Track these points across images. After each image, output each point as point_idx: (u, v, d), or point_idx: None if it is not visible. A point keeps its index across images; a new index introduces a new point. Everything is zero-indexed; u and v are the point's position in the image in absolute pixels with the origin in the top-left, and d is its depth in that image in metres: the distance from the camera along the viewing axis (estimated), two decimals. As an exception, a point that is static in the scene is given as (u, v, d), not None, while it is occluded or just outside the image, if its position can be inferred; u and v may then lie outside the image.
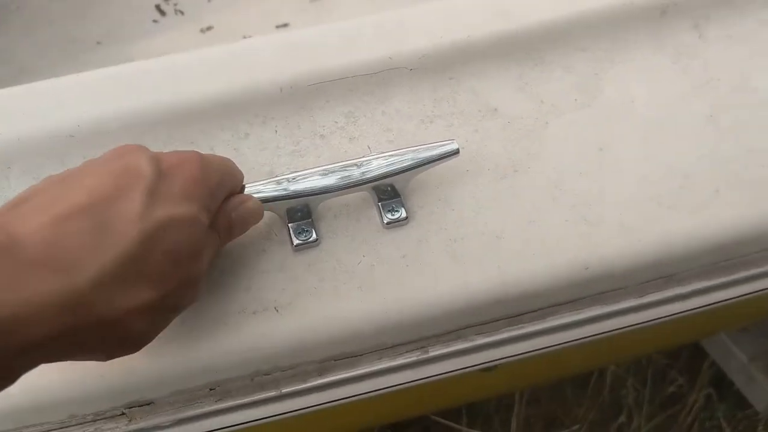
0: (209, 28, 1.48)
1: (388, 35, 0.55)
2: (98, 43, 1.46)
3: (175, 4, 1.54)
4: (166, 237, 0.36)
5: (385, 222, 0.49)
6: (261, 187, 0.47)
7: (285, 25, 1.47)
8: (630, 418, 1.28)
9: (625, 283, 0.51)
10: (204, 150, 0.52)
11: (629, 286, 0.51)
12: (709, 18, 0.59)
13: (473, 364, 0.50)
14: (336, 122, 0.54)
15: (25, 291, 0.31)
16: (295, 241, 0.48)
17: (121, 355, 0.38)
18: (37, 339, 0.32)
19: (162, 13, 1.53)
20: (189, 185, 0.39)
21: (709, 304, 0.52)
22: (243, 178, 0.46)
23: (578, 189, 0.52)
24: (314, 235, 0.49)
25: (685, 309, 0.52)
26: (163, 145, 0.52)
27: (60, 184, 0.37)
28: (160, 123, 0.52)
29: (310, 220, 0.49)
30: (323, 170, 0.47)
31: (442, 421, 1.15)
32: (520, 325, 0.50)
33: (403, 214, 0.50)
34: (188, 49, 1.44)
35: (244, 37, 1.45)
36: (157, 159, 0.39)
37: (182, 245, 0.37)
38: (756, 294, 0.54)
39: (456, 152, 0.49)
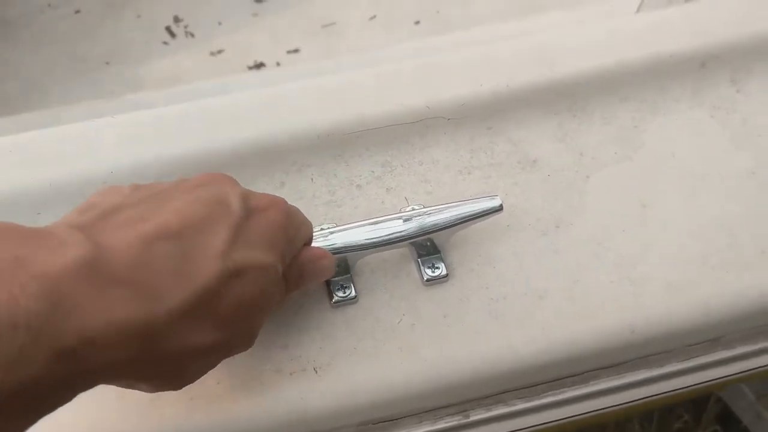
0: (219, 52, 1.47)
1: (426, 82, 0.54)
2: (107, 63, 1.45)
3: (186, 27, 1.54)
4: (242, 281, 0.35)
5: (425, 279, 0.48)
6: (300, 242, 0.45)
7: (296, 51, 1.47)
8: (637, 454, 1.27)
9: (671, 346, 0.49)
10: (238, 199, 0.50)
11: (675, 348, 0.50)
12: (750, 72, 0.58)
13: (515, 429, 0.48)
14: (373, 171, 0.53)
15: (107, 313, 0.30)
16: (334, 298, 0.47)
17: (166, 390, 0.36)
18: (106, 364, 0.30)
19: (172, 34, 1.52)
20: (273, 231, 0.38)
21: (755, 368, 0.51)
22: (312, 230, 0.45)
23: (622, 246, 0.50)
24: (353, 292, 0.47)
25: (730, 373, 0.51)
26: (195, 192, 0.50)
27: (149, 201, 0.35)
28: (195, 169, 0.50)
29: (348, 275, 0.47)
30: (364, 225, 0.46)
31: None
32: (562, 389, 0.49)
33: (444, 271, 0.48)
34: (198, 71, 1.44)
35: (255, 62, 1.44)
36: (246, 197, 0.38)
37: (255, 293, 0.36)
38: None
39: (500, 208, 0.48)
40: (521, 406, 0.48)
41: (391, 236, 0.46)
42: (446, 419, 0.47)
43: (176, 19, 1.53)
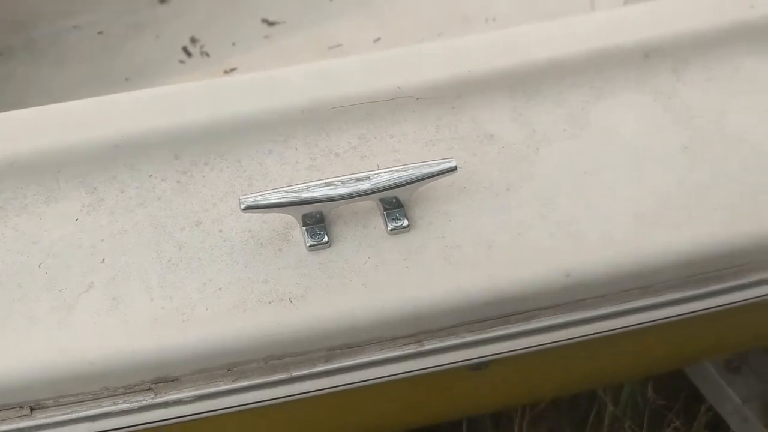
0: (233, 70, 1.57)
1: (399, 67, 0.62)
2: (126, 79, 1.55)
3: (202, 46, 1.64)
4: None
5: (389, 229, 0.55)
6: (281, 194, 0.53)
7: (305, 69, 1.56)
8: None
9: (605, 291, 0.56)
10: (231, 162, 0.59)
11: (608, 294, 0.57)
12: (688, 62, 0.65)
13: (464, 359, 0.55)
14: (350, 142, 0.61)
15: None
16: (309, 242, 0.54)
17: None
18: None
19: (188, 54, 1.63)
20: None
21: (682, 314, 0.58)
22: None
23: (564, 207, 0.58)
24: (326, 238, 0.55)
25: (659, 317, 0.57)
26: (197, 157, 0.59)
27: None
28: (197, 138, 0.59)
29: (323, 224, 0.55)
30: (335, 181, 0.54)
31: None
32: (506, 326, 0.56)
33: (406, 223, 0.56)
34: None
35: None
36: None
37: None
38: (727, 308, 0.59)
39: (454, 169, 0.55)
40: (471, 338, 0.55)
41: (358, 190, 0.54)
42: (404, 347, 0.54)
43: (193, 40, 1.63)
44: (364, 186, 0.54)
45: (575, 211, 0.57)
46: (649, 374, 1.20)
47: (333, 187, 0.54)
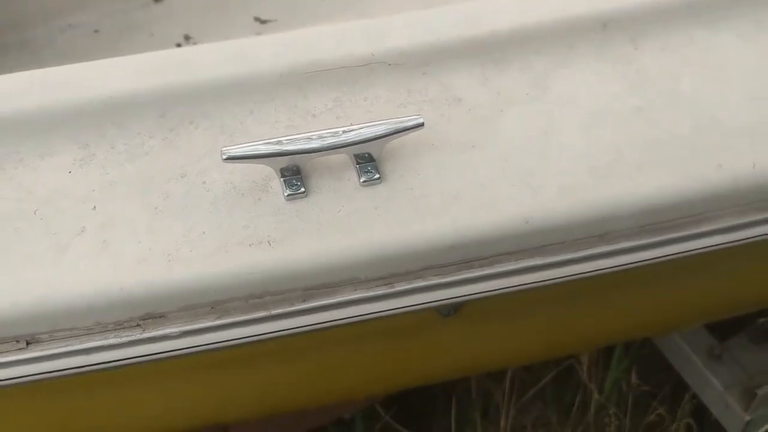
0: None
1: (373, 35, 0.67)
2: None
3: (194, 44, 1.68)
4: None
5: (362, 180, 0.60)
6: (260, 146, 0.57)
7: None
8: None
9: (562, 239, 0.60)
10: (215, 121, 0.63)
11: (566, 241, 0.61)
12: (646, 32, 0.70)
13: (431, 300, 0.59)
14: (326, 105, 0.65)
15: None
16: (287, 192, 0.59)
17: None
18: None
19: (183, 48, 1.65)
20: None
21: (636, 262, 0.62)
22: None
23: (525, 162, 0.62)
24: (303, 189, 0.59)
25: (615, 264, 0.61)
26: (183, 116, 0.63)
27: None
28: (181, 99, 0.63)
29: (299, 176, 0.59)
30: (311, 135, 0.58)
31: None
32: (471, 270, 0.60)
33: (377, 176, 0.60)
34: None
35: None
36: None
37: None
38: (677, 258, 0.63)
39: (421, 125, 0.59)
40: (437, 281, 0.59)
41: (332, 143, 0.58)
42: (375, 289, 0.58)
43: (186, 37, 1.67)
44: (338, 139, 0.58)
45: (535, 166, 0.62)
46: (624, 337, 1.23)
47: (309, 140, 0.58)
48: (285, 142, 0.58)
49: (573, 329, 0.83)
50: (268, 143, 0.57)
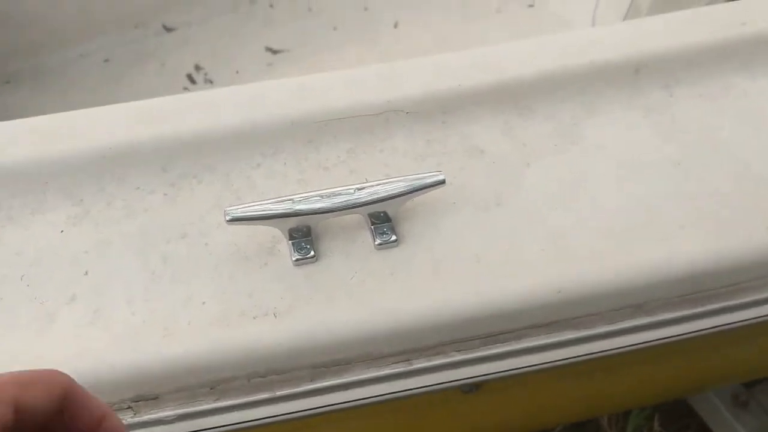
0: (236, 96, 1.57)
1: (389, 81, 0.62)
2: (130, 107, 1.55)
3: (206, 74, 1.66)
4: None
5: (377, 243, 0.55)
6: (266, 207, 0.52)
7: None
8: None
9: (596, 310, 0.55)
10: (219, 176, 0.58)
11: (600, 312, 0.55)
12: (679, 79, 0.65)
13: (453, 379, 0.54)
14: (339, 156, 0.60)
15: None
16: (295, 256, 0.54)
17: None
18: None
19: (193, 81, 1.64)
20: None
21: (676, 336, 0.56)
22: (60, 393, 0.36)
23: (553, 221, 0.57)
24: (312, 252, 0.54)
25: (654, 338, 0.56)
26: (186, 169, 0.58)
27: None
28: (185, 150, 0.59)
29: (309, 238, 0.54)
30: (322, 194, 0.53)
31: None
32: (496, 345, 0.54)
33: (393, 237, 0.55)
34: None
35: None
36: None
37: None
38: (726, 330, 0.58)
39: (442, 182, 0.55)
40: (459, 357, 0.53)
41: (345, 203, 0.53)
42: (392, 366, 0.53)
43: (197, 67, 1.65)
44: (352, 199, 0.53)
45: (565, 225, 0.57)
46: (652, 402, 1.18)
47: (320, 200, 0.53)
48: (294, 201, 0.53)
49: (602, 397, 0.78)
50: (275, 203, 0.53)
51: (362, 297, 0.52)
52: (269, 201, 0.53)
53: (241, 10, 1.75)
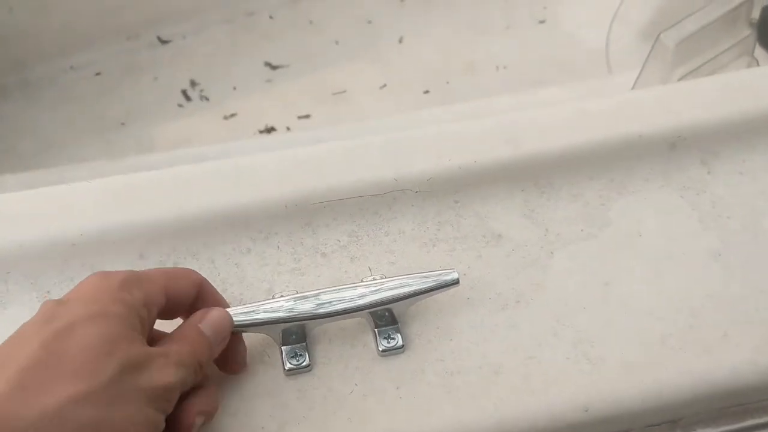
0: (232, 115, 1.52)
1: (395, 156, 0.56)
2: (122, 123, 1.50)
3: (201, 90, 1.59)
4: (72, 335, 0.37)
5: (381, 350, 0.48)
6: (256, 308, 0.46)
7: (306, 116, 1.51)
8: None
9: (627, 427, 0.49)
10: (204, 263, 0.52)
11: (631, 430, 0.49)
12: (718, 154, 0.59)
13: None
14: (339, 241, 0.54)
15: None
16: (287, 366, 0.47)
17: None
18: None
19: (188, 98, 1.58)
20: (88, 293, 0.40)
21: (716, 453, 0.50)
22: (196, 286, 0.46)
23: (581, 324, 0.50)
24: (307, 360, 0.48)
25: (690, 457, 0.50)
26: (166, 256, 0.52)
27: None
28: (164, 235, 0.52)
29: (304, 344, 0.48)
30: (321, 294, 0.47)
31: None
32: (515, 467, 0.48)
33: (400, 342, 0.49)
34: (210, 134, 1.47)
35: (266, 126, 1.48)
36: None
37: (91, 338, 0.37)
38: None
39: (456, 282, 0.48)
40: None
41: (347, 307, 0.47)
42: (394, 494, 0.47)
43: (192, 83, 1.58)
44: (353, 303, 0.47)
45: (593, 329, 0.50)
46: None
47: (317, 302, 0.47)
48: (289, 303, 0.46)
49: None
50: (268, 304, 0.46)
51: (363, 416, 0.46)
52: (260, 303, 0.46)
53: (239, 21, 1.68)
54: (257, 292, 0.51)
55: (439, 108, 1.29)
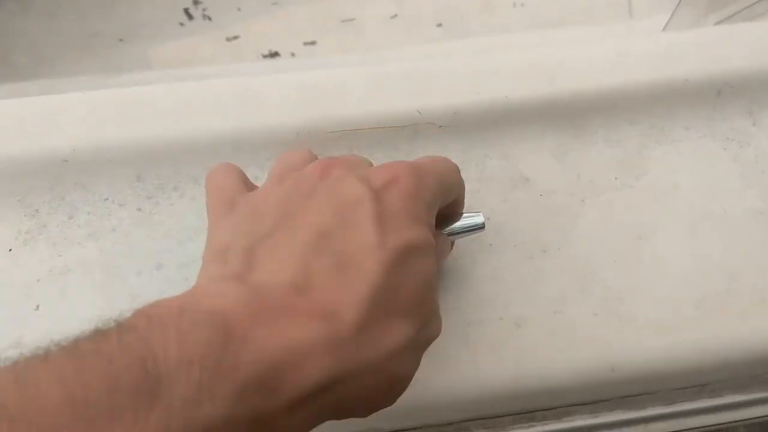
0: (235, 38, 1.45)
1: (420, 87, 0.51)
2: (120, 40, 1.43)
3: (204, 9, 1.51)
4: (407, 265, 0.32)
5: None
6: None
7: (312, 43, 1.44)
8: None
9: (654, 389, 0.46)
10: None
11: (658, 392, 0.46)
12: (765, 104, 0.54)
13: (476, 461, 0.45)
14: (354, 175, 0.49)
15: (287, 340, 0.28)
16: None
17: (382, 407, 0.33)
18: (304, 391, 0.28)
19: (190, 16, 1.50)
20: (409, 204, 0.34)
21: (744, 420, 0.47)
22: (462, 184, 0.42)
23: (611, 280, 0.47)
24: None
25: (718, 422, 0.47)
26: (166, 179, 0.48)
27: (277, 225, 0.33)
28: (164, 156, 0.48)
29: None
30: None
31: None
32: (531, 423, 0.45)
33: (417, 288, 0.45)
34: (211, 56, 1.40)
35: (270, 51, 1.41)
36: (366, 178, 0.34)
37: (423, 271, 0.33)
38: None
39: (482, 227, 0.44)
40: (486, 440, 0.44)
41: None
42: (409, 443, 0.44)
43: (195, 2, 1.50)
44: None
45: (624, 286, 0.47)
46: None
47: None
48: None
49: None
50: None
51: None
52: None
53: (249, -68, 1.59)
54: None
55: (455, 42, 1.23)
